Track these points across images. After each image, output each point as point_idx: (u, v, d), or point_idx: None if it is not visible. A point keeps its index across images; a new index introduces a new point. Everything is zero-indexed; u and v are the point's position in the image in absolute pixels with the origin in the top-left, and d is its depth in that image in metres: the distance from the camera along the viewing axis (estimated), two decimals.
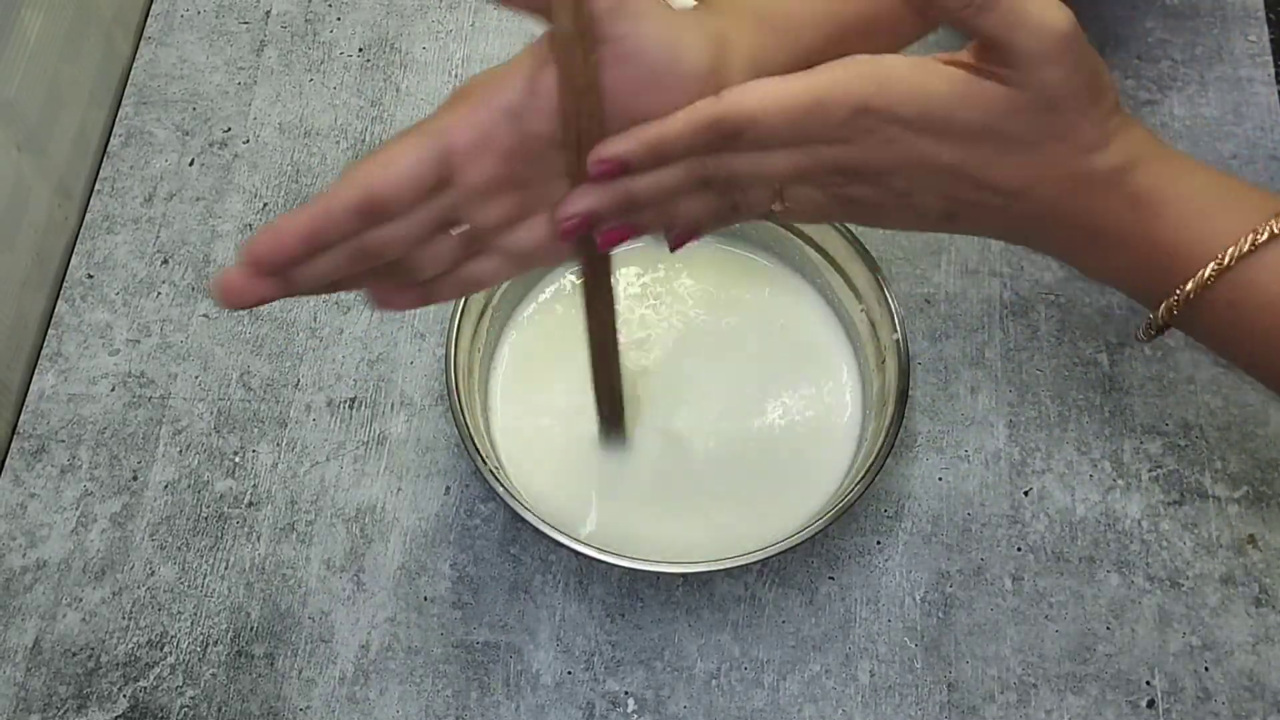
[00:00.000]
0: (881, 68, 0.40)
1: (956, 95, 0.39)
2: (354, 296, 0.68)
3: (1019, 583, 0.60)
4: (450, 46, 0.77)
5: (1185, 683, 0.58)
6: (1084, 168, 0.41)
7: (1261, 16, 0.76)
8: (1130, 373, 0.65)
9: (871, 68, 0.40)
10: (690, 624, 0.60)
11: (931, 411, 0.65)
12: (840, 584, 0.61)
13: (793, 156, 0.41)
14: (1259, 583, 0.60)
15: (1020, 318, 0.67)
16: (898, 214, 0.44)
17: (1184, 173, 0.42)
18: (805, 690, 0.58)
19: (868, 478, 0.55)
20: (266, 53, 0.77)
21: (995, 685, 0.58)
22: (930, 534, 0.62)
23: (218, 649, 0.60)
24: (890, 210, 0.44)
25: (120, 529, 0.62)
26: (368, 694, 0.58)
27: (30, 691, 0.59)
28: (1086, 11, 0.40)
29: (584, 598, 0.60)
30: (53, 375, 0.67)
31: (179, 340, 0.67)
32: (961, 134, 0.40)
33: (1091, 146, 0.41)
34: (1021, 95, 0.39)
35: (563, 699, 0.58)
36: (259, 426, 0.65)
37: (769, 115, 0.40)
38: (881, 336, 0.60)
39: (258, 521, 0.63)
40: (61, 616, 0.60)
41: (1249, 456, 0.63)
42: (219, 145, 0.74)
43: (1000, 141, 0.40)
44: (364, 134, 0.74)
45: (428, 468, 0.64)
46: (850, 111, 0.40)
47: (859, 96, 0.40)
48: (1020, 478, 0.63)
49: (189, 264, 0.70)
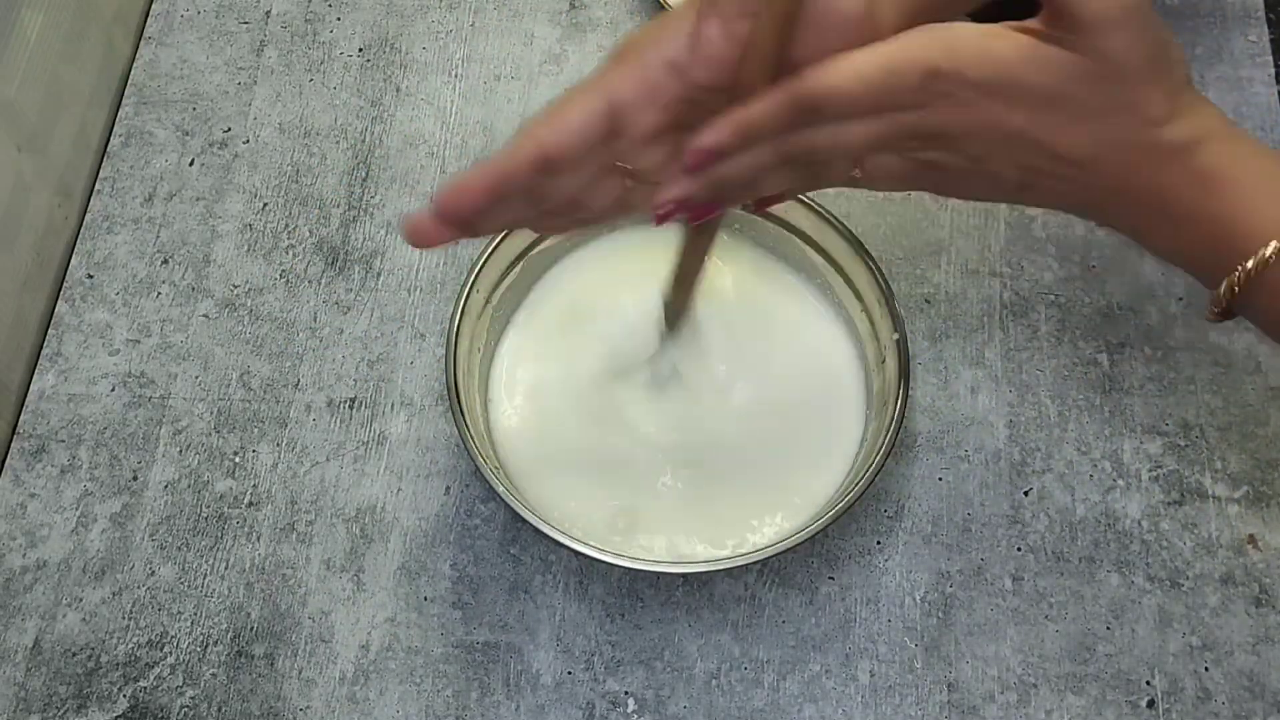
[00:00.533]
0: (951, 33, 0.41)
1: (1024, 59, 0.40)
2: (354, 297, 0.68)
3: (1019, 583, 0.60)
4: (450, 46, 0.77)
5: (1185, 683, 0.58)
6: (1151, 140, 0.42)
7: (1261, 16, 0.76)
8: (1130, 373, 0.65)
9: (942, 33, 0.41)
10: (690, 624, 0.60)
11: (931, 411, 0.65)
12: (840, 584, 0.61)
13: (870, 125, 0.43)
14: (1259, 583, 0.60)
15: (1020, 318, 0.67)
16: (974, 180, 0.45)
17: (1251, 153, 0.43)
18: (805, 690, 0.58)
19: (868, 478, 0.55)
20: (266, 53, 0.77)
21: (995, 685, 0.58)
22: (930, 534, 0.62)
23: (218, 649, 0.60)
24: (966, 177, 0.45)
25: (120, 529, 0.62)
26: (368, 694, 0.58)
27: (30, 691, 0.59)
28: None
29: (584, 598, 0.60)
30: (53, 375, 0.67)
31: (179, 340, 0.67)
32: (1030, 99, 0.41)
33: (1159, 119, 0.41)
34: (1088, 62, 0.40)
35: (563, 699, 0.58)
36: (259, 426, 0.65)
37: (846, 88, 0.41)
38: (881, 336, 0.60)
39: (258, 521, 0.63)
40: (61, 616, 0.60)
41: (1249, 456, 0.63)
42: (219, 145, 0.74)
43: (1068, 108, 0.41)
44: (364, 134, 0.74)
45: (428, 468, 0.64)
46: (922, 76, 0.41)
47: (930, 61, 0.41)
48: (1020, 478, 0.63)
49: (189, 264, 0.70)
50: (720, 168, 0.44)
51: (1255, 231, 0.42)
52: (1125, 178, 0.43)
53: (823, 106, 0.42)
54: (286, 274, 0.69)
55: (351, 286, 0.69)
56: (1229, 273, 0.43)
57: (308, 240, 0.70)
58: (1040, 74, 0.40)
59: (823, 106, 0.42)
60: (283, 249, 0.70)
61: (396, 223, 0.71)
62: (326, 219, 0.71)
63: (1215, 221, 0.43)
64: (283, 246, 0.70)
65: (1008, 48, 0.41)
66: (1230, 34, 0.76)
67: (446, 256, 0.69)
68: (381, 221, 0.71)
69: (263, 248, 0.70)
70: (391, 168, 0.72)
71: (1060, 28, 0.40)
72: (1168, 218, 0.44)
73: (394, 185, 0.72)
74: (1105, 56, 0.40)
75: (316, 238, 0.70)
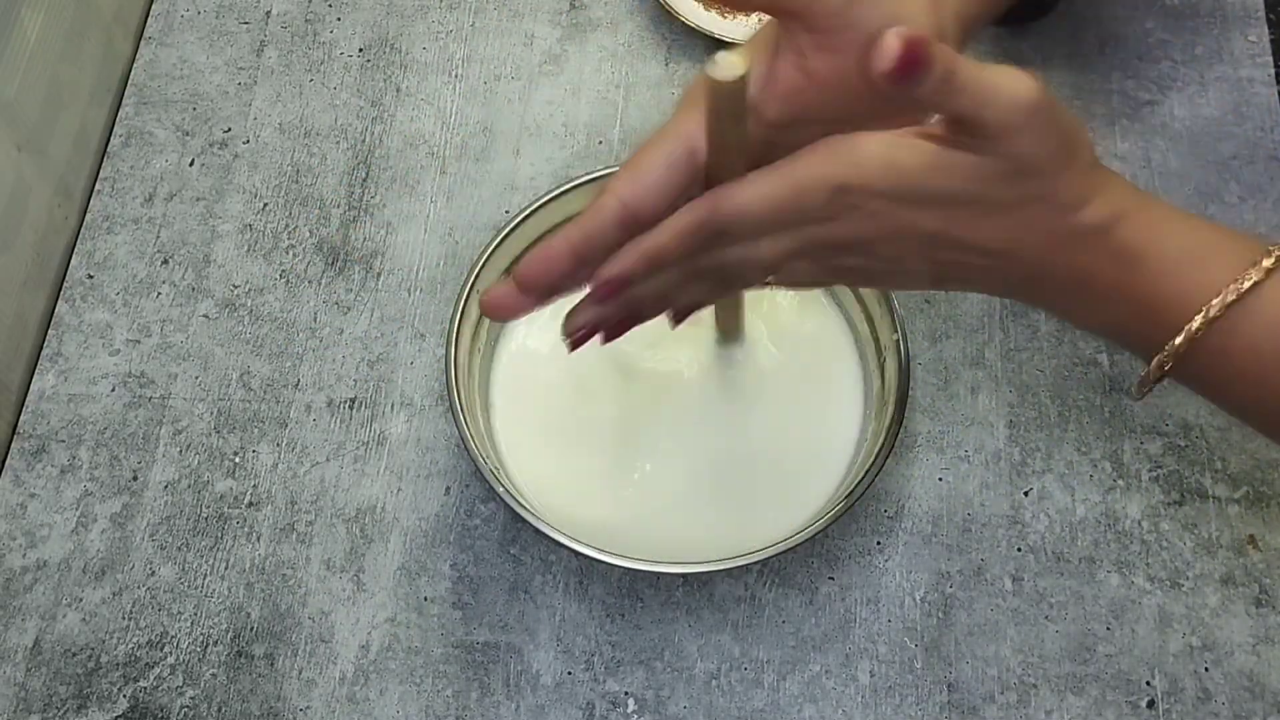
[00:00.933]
0: (856, 148, 0.40)
1: (929, 167, 0.40)
2: (354, 297, 0.68)
3: (1019, 583, 0.60)
4: (450, 47, 0.77)
5: (1185, 683, 0.58)
6: (1066, 225, 0.41)
7: (1261, 16, 0.76)
8: (1130, 373, 0.65)
9: (846, 148, 0.41)
10: (690, 624, 0.60)
11: (931, 412, 0.65)
12: (840, 584, 0.61)
13: (781, 240, 0.43)
14: (1259, 583, 0.60)
15: (1020, 318, 0.67)
16: (890, 278, 0.46)
17: (1167, 223, 0.43)
18: (805, 690, 0.58)
19: (868, 478, 0.55)
20: (267, 53, 0.77)
21: (995, 686, 0.58)
22: (930, 534, 0.62)
23: (218, 649, 0.60)
24: (882, 275, 0.45)
25: (120, 529, 0.62)
26: (368, 694, 0.58)
27: (30, 691, 0.59)
28: (1086, 11, 0.40)
29: (584, 598, 0.60)
30: (53, 375, 0.67)
31: (179, 340, 0.67)
32: (939, 202, 0.41)
33: (1072, 204, 0.41)
34: (995, 163, 0.39)
35: (563, 699, 0.58)
36: (259, 427, 0.65)
37: (753, 211, 0.41)
38: (881, 336, 0.60)
39: (258, 522, 0.63)
40: (61, 616, 0.60)
41: (1249, 457, 0.63)
42: (219, 145, 0.74)
43: (979, 206, 0.41)
44: (364, 134, 0.74)
45: (428, 468, 0.64)
46: (830, 193, 0.41)
47: (835, 178, 0.40)
48: (1020, 478, 0.63)
49: (189, 264, 0.70)
50: (632, 291, 0.44)
51: (1179, 304, 0.42)
52: (1044, 263, 0.42)
53: (730, 230, 0.42)
54: (287, 274, 0.69)
55: (351, 287, 0.69)
56: (1158, 348, 0.43)
57: (308, 240, 0.70)
58: (948, 179, 0.40)
59: (730, 230, 0.42)
60: (283, 249, 0.70)
61: (397, 223, 0.71)
62: (327, 219, 0.71)
63: (1139, 297, 0.42)
64: (283, 247, 0.70)
65: (913, 157, 0.40)
66: (1230, 34, 0.76)
67: (447, 257, 0.70)
68: (382, 221, 0.71)
69: (263, 248, 0.70)
70: (391, 168, 0.72)
71: (965, 133, 0.39)
72: (1091, 297, 0.43)
73: (394, 185, 0.72)
74: (1014, 157, 0.39)
75: (317, 238, 0.70)
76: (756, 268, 0.44)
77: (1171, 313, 0.42)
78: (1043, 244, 0.42)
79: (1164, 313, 0.42)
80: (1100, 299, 0.43)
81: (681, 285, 0.45)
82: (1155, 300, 0.42)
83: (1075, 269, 0.42)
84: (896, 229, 0.41)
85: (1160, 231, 0.42)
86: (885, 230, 0.42)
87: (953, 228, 0.41)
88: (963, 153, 0.39)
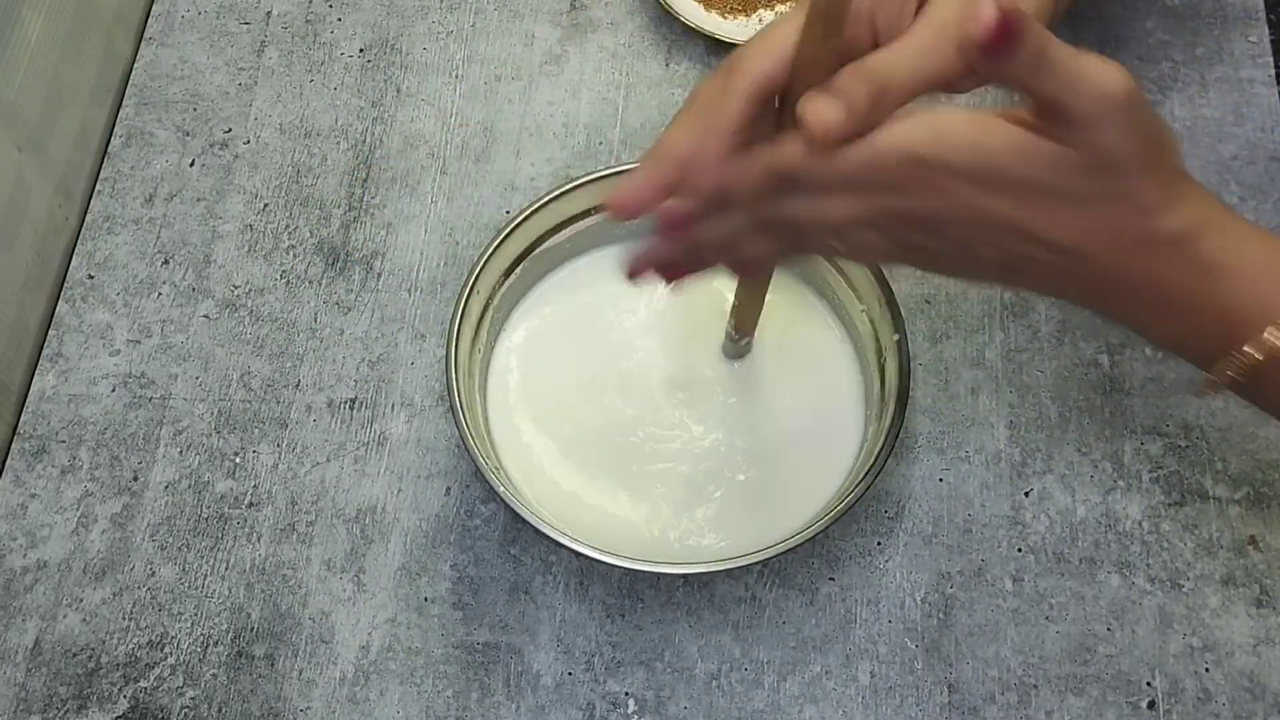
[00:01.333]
0: (938, 120, 0.40)
1: (1011, 151, 0.39)
2: (354, 297, 0.68)
3: (1019, 584, 0.60)
4: (451, 47, 0.77)
5: (1186, 684, 0.58)
6: (1145, 229, 0.41)
7: (1261, 17, 0.76)
8: (1131, 374, 0.65)
9: (929, 119, 0.40)
10: (690, 625, 0.60)
11: (932, 412, 0.65)
12: (840, 584, 0.61)
13: (850, 202, 0.42)
14: (1259, 584, 0.60)
15: (1020, 318, 0.67)
16: (957, 263, 0.44)
17: (1247, 239, 0.42)
18: (806, 691, 0.58)
19: (868, 478, 0.55)
20: (267, 53, 0.77)
21: (996, 686, 0.58)
22: (931, 535, 0.62)
23: (218, 649, 0.60)
24: (949, 259, 0.44)
25: (120, 529, 0.62)
26: (368, 694, 0.58)
27: (30, 692, 0.59)
28: (1087, 11, 0.40)
29: (584, 598, 0.60)
30: (53, 376, 0.67)
31: (179, 341, 0.67)
32: (1016, 189, 0.40)
33: (1152, 209, 0.40)
34: (1078, 155, 0.39)
35: (563, 700, 0.58)
36: (259, 427, 0.65)
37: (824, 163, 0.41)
38: (881, 337, 0.59)
39: (258, 522, 0.63)
40: (62, 617, 0.60)
41: (1249, 458, 0.63)
42: (219, 146, 0.74)
43: (1056, 199, 0.40)
44: (364, 134, 0.74)
45: (428, 468, 0.64)
46: (908, 163, 0.40)
47: (916, 148, 0.40)
48: (1021, 479, 0.63)
49: (189, 264, 0.70)
50: (696, 230, 0.44)
51: (1260, 320, 0.41)
52: (1119, 267, 0.42)
53: (800, 179, 0.42)
54: (287, 274, 0.69)
55: (352, 287, 0.69)
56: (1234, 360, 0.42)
57: (308, 241, 0.70)
58: (1030, 166, 0.39)
59: (800, 179, 0.42)
60: (283, 249, 0.70)
61: (397, 223, 0.71)
62: (327, 219, 0.71)
63: (1219, 311, 0.42)
64: (283, 247, 0.70)
65: (996, 138, 0.39)
66: (1230, 34, 0.76)
67: (447, 257, 0.70)
68: (382, 222, 0.71)
69: (263, 248, 0.70)
70: (392, 168, 0.72)
71: (1050, 121, 0.39)
72: (1164, 307, 0.43)
73: (394, 186, 0.72)
74: (1097, 149, 0.39)
75: (317, 238, 0.70)
76: (823, 228, 0.43)
77: (1247, 328, 0.42)
78: (1118, 246, 0.41)
79: (1240, 328, 0.42)
80: (1176, 310, 0.43)
81: (747, 235, 0.44)
82: (1232, 315, 0.42)
83: (1151, 277, 0.42)
84: (969, 211, 0.41)
85: (1241, 246, 0.42)
86: (957, 211, 0.41)
87: (1026, 217, 0.40)
88: (1046, 140, 0.39)
